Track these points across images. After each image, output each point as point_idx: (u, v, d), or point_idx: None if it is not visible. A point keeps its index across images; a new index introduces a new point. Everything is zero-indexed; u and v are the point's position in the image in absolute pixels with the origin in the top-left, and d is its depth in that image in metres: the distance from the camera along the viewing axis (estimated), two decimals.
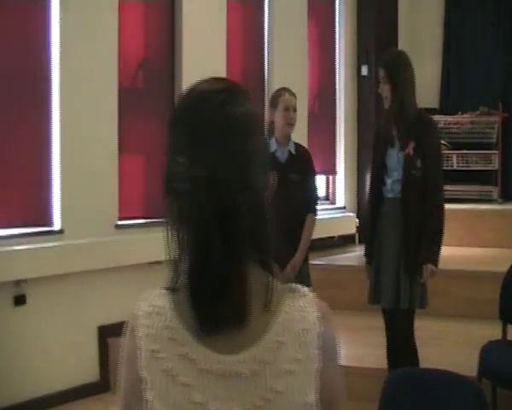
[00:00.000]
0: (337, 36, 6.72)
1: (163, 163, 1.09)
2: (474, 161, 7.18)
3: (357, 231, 6.71)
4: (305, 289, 1.11)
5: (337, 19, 6.69)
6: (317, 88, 6.45)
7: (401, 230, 3.58)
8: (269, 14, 5.85)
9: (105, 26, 4.45)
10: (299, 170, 3.81)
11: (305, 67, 6.19)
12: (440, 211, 3.56)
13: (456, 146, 7.16)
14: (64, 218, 4.29)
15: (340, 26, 6.72)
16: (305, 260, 3.82)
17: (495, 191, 7.16)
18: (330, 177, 6.84)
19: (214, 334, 1.02)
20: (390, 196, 3.62)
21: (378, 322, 5.20)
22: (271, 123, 3.84)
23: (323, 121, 6.58)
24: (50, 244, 4.17)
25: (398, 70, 3.57)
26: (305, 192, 3.83)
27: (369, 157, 6.81)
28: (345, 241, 6.70)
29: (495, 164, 7.13)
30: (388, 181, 3.63)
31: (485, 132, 7.26)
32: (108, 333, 4.50)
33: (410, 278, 3.54)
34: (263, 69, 5.87)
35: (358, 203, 6.90)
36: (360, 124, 6.87)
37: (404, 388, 2.25)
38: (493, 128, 7.22)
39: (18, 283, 4.02)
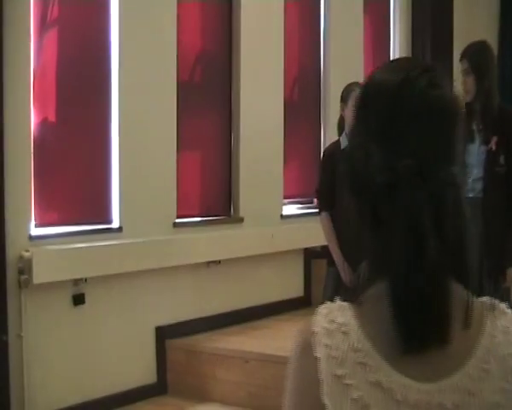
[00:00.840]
0: (392, 36, 6.51)
1: (353, 154, 0.93)
2: None
3: None
4: (503, 305, 0.94)
5: (392, 19, 6.48)
6: None
7: (483, 232, 3.38)
8: (325, 12, 5.67)
9: (164, 22, 4.33)
10: None
11: (360, 67, 6.00)
12: None
13: None
14: (123, 216, 4.18)
15: (394, 27, 6.51)
16: None
17: None
18: None
19: (418, 354, 0.86)
20: (470, 195, 3.38)
21: None
22: (341, 119, 3.68)
23: None
24: (109, 243, 4.06)
25: (485, 61, 3.41)
26: None
27: None
28: None
29: None
30: (469, 180, 3.39)
31: None
32: (166, 334, 4.37)
33: (494, 282, 3.37)
34: (319, 67, 5.69)
35: None
36: None
37: None
38: None
39: (77, 282, 3.92)
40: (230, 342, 4.46)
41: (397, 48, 6.51)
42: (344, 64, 5.77)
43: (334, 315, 0.91)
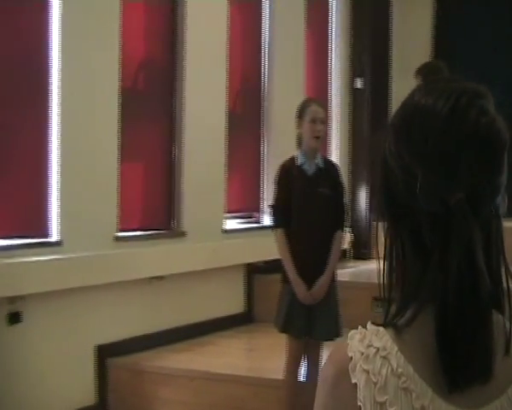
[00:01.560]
0: (332, 48, 6.53)
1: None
2: None
3: (351, 246, 6.50)
4: None
5: (332, 31, 6.51)
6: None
7: None
8: (268, 24, 5.62)
9: (107, 26, 4.14)
10: (328, 184, 3.57)
11: (302, 80, 5.98)
12: None
13: None
14: (62, 229, 3.94)
15: (335, 39, 6.54)
16: (333, 278, 3.57)
17: None
18: None
19: (463, 387, 0.84)
20: None
21: None
22: (299, 134, 3.61)
23: None
24: (47, 257, 3.81)
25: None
26: (334, 207, 3.58)
27: (363, 172, 6.77)
28: None
29: None
30: None
31: None
32: (107, 353, 4.15)
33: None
34: (261, 79, 5.63)
35: (352, 219, 6.68)
36: (354, 137, 6.67)
37: None
38: None
39: (13, 299, 3.66)
40: (175, 360, 4.28)
41: (337, 61, 6.54)
42: (286, 76, 5.73)
43: (370, 340, 0.87)
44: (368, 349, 0.85)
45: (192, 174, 4.79)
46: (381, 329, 0.87)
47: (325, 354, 3.50)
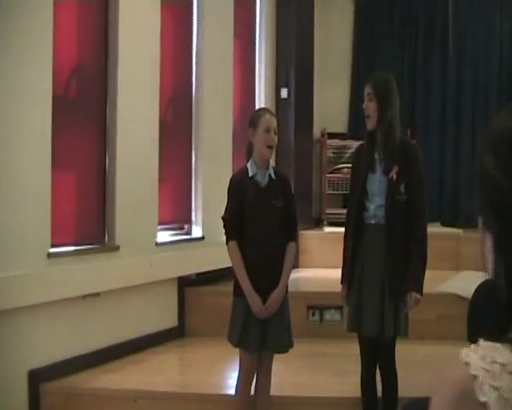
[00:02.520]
0: (257, 58, 6.47)
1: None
2: None
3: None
4: None
5: (257, 41, 6.45)
6: (239, 110, 6.14)
7: (385, 257, 3.38)
8: (198, 28, 5.48)
9: (39, 30, 3.85)
10: (281, 195, 3.46)
11: (230, 87, 5.87)
12: (426, 237, 3.42)
13: None
14: None
15: (260, 49, 6.48)
16: (286, 291, 3.48)
17: None
18: None
19: None
20: (372, 222, 3.42)
21: (326, 348, 5.10)
22: (250, 144, 3.49)
23: (242, 143, 6.27)
24: None
25: (388, 90, 3.42)
26: (286, 219, 3.48)
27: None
28: None
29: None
30: (371, 207, 3.41)
31: None
32: (41, 378, 3.85)
33: (395, 306, 3.35)
34: (191, 89, 5.47)
35: None
36: (279, 148, 6.63)
37: None
38: None
39: None
40: (114, 381, 4.03)
41: (263, 71, 6.48)
42: (215, 85, 5.59)
43: (492, 356, 0.85)
44: (492, 366, 0.83)
45: (125, 185, 4.56)
46: (499, 344, 0.86)
47: (274, 366, 3.44)
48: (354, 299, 3.43)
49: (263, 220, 3.39)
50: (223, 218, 3.51)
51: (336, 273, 6.41)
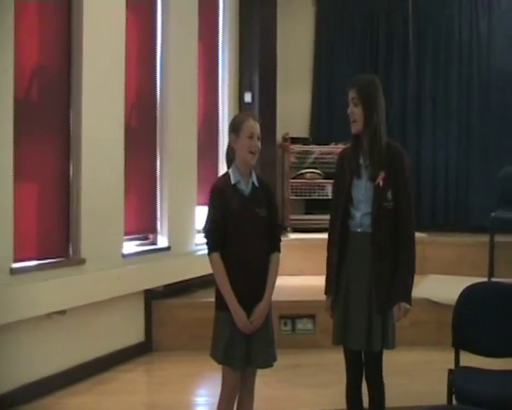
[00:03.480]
0: (220, 62, 6.26)
1: None
2: None
3: None
4: None
5: (220, 45, 6.24)
6: (203, 115, 5.92)
7: (372, 266, 3.19)
8: (163, 32, 5.22)
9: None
10: (265, 204, 3.23)
11: (195, 92, 5.64)
12: (414, 246, 3.24)
13: (330, 176, 7.01)
14: None
15: (223, 53, 6.27)
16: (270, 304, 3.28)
17: None
18: None
19: None
20: (359, 230, 3.22)
21: (301, 359, 4.86)
22: (231, 150, 3.28)
23: (208, 151, 6.06)
24: None
25: (374, 94, 3.23)
26: (270, 228, 3.24)
27: None
28: None
29: None
30: (357, 214, 3.21)
31: None
32: (7, 403, 3.54)
33: (382, 318, 3.17)
34: (155, 94, 5.21)
35: None
36: None
37: None
38: None
39: None
40: (84, 404, 3.76)
41: (226, 76, 6.28)
42: (179, 91, 5.36)
43: None
44: None
45: (89, 195, 4.26)
46: None
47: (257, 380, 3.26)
48: (340, 310, 3.24)
49: (247, 230, 3.16)
50: (204, 229, 3.28)
51: (305, 281, 6.35)
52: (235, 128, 3.24)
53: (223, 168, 6.28)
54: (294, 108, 7.35)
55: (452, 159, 7.44)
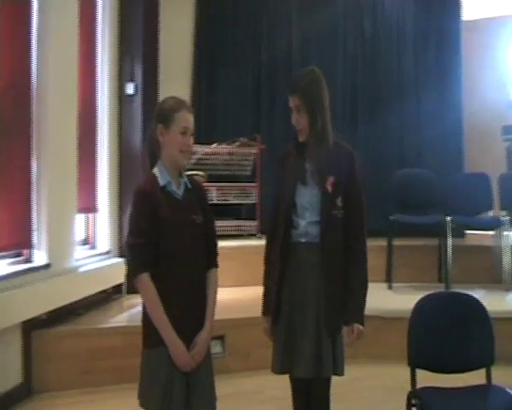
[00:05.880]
0: (99, 49, 5.30)
1: None
2: (233, 195, 6.44)
3: (127, 279, 5.37)
4: None
5: (100, 31, 5.28)
6: (81, 109, 4.92)
7: (321, 282, 2.69)
8: (39, 16, 4.20)
9: None
10: (200, 209, 2.61)
11: (74, 83, 4.66)
12: (366, 259, 2.77)
13: (215, 179, 6.34)
14: None
15: (103, 39, 5.31)
16: None
17: (254, 226, 6.53)
18: (90, 216, 5.34)
19: None
20: (303, 240, 2.72)
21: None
22: (155, 144, 2.56)
23: (86, 149, 5.07)
24: None
25: (318, 95, 2.73)
26: (206, 238, 2.62)
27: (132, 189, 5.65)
28: (110, 293, 5.25)
29: (254, 198, 6.51)
30: (301, 223, 2.72)
31: (241, 164, 6.59)
32: None
33: (333, 341, 2.69)
34: (30, 76, 4.18)
35: (121, 246, 5.53)
36: (123, 151, 5.53)
37: None
38: (248, 160, 6.59)
39: None
40: None
41: (106, 62, 5.34)
42: (60, 79, 4.37)
43: None
44: None
45: None
46: None
47: None
48: (282, 334, 2.72)
49: (183, 242, 2.50)
50: (129, 243, 2.51)
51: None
52: (164, 117, 2.53)
53: (101, 170, 5.35)
54: None
55: None
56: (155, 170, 2.57)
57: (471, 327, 3.09)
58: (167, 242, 2.48)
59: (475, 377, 2.96)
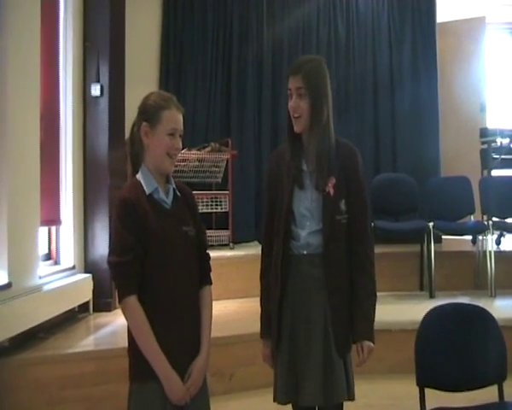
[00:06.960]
0: (62, 48, 4.86)
1: None
2: (204, 204, 6.07)
3: (94, 296, 4.94)
4: None
5: (62, 26, 4.85)
6: (43, 112, 4.47)
7: (327, 299, 2.39)
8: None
9: None
10: (191, 219, 2.29)
11: (37, 83, 4.23)
12: (373, 265, 2.47)
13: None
14: None
15: (65, 37, 4.88)
16: None
17: (227, 236, 6.17)
18: (53, 228, 4.89)
19: None
20: (305, 252, 2.41)
21: None
22: (138, 145, 2.25)
23: (49, 156, 4.62)
24: None
25: (324, 83, 2.45)
26: (198, 252, 2.31)
27: (100, 201, 5.23)
28: (75, 313, 4.81)
29: (225, 206, 6.15)
30: (302, 233, 2.40)
31: (211, 171, 6.23)
32: None
33: (344, 362, 2.40)
34: None
35: (87, 261, 5.10)
36: (87, 157, 5.10)
37: None
38: (219, 167, 6.24)
39: None
40: None
41: (69, 63, 4.91)
42: (20, 82, 3.94)
43: None
44: None
45: None
46: None
47: None
48: (285, 358, 2.41)
49: (174, 258, 2.18)
50: (112, 262, 2.17)
51: None
52: (149, 115, 2.21)
53: (66, 178, 4.92)
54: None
55: None
56: (139, 175, 2.24)
57: (481, 340, 2.84)
58: (156, 258, 2.17)
59: (479, 394, 2.71)
